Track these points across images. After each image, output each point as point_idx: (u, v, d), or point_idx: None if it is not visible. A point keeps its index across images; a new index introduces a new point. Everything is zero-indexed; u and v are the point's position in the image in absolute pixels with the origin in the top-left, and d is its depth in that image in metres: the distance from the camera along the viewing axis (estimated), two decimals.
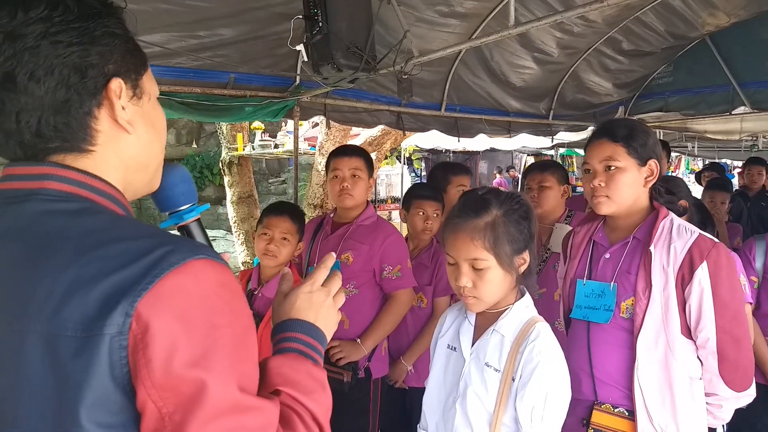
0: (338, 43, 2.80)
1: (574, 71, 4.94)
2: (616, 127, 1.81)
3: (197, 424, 0.68)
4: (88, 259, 0.72)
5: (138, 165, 0.89)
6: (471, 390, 1.45)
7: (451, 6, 3.47)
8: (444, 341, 1.60)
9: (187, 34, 3.05)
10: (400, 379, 2.77)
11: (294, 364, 0.88)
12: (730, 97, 5.12)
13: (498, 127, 5.18)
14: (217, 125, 6.96)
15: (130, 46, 0.87)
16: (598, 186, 1.77)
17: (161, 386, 0.68)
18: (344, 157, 2.69)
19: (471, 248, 1.43)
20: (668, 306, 1.68)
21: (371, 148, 6.82)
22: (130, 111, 0.86)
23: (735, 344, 1.67)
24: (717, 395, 1.71)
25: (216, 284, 0.75)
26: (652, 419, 1.68)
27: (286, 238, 2.41)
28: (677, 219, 1.78)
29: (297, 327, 0.94)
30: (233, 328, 0.75)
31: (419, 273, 2.81)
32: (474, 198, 1.51)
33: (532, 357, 1.38)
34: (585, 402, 1.81)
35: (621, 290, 1.77)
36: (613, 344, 1.77)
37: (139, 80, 0.88)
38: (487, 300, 1.46)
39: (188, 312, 0.71)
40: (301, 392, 0.84)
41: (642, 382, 1.69)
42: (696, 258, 1.65)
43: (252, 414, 0.74)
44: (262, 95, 3.65)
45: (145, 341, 0.68)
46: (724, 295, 1.65)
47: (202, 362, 0.70)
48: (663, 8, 4.29)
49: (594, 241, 1.91)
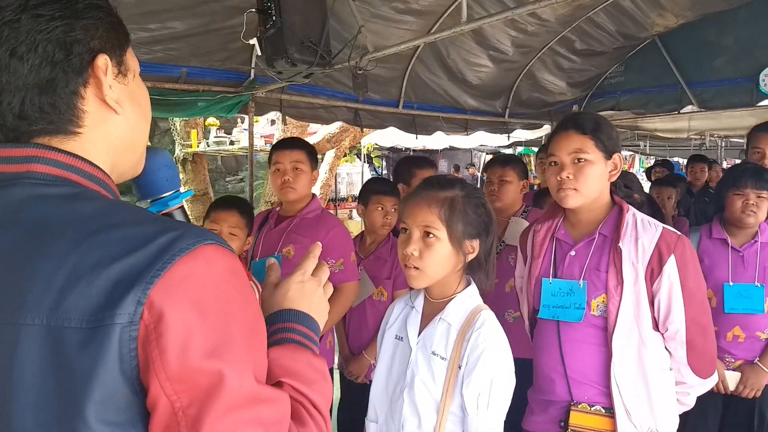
0: (292, 37, 2.78)
1: (529, 70, 5.02)
2: (584, 119, 1.79)
3: (214, 417, 0.64)
4: (89, 246, 0.67)
5: (126, 146, 0.85)
6: (418, 379, 1.45)
7: (406, 3, 3.48)
8: (391, 332, 1.60)
9: (137, 26, 2.98)
10: (362, 374, 2.76)
11: (294, 356, 0.84)
12: (678, 97, 5.29)
13: (455, 124, 5.23)
14: (171, 121, 6.81)
15: (113, 19, 0.81)
16: (566, 178, 1.73)
17: (176, 378, 0.64)
18: (285, 150, 2.66)
19: (427, 214, 1.44)
20: (639, 301, 1.69)
21: (330, 145, 6.79)
22: (116, 90, 0.80)
23: (703, 333, 1.71)
24: (685, 383, 1.75)
25: (227, 270, 0.71)
26: (630, 414, 1.68)
27: (234, 232, 2.37)
28: (639, 213, 1.79)
29: (292, 317, 0.91)
30: (246, 315, 0.72)
31: (378, 267, 2.81)
32: (440, 177, 1.56)
33: (477, 344, 1.39)
34: (559, 403, 1.78)
35: (591, 287, 1.75)
36: (586, 342, 1.75)
37: (123, 56, 0.82)
38: (429, 273, 1.45)
39: (203, 299, 0.67)
40: (303, 383, 0.81)
41: (618, 378, 1.69)
42: (664, 252, 1.67)
43: (269, 406, 0.71)
44: (215, 90, 3.59)
45: (158, 331, 0.64)
46: (691, 287, 1.68)
47: (218, 352, 0.66)
48: (614, 9, 4.40)
49: (557, 238, 1.88)
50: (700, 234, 2.66)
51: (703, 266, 2.57)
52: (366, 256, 2.88)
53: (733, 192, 2.52)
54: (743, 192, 2.48)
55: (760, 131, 2.98)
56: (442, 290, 1.51)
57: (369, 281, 2.79)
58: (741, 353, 2.49)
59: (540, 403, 1.85)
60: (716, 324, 2.50)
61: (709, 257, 2.57)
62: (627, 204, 1.80)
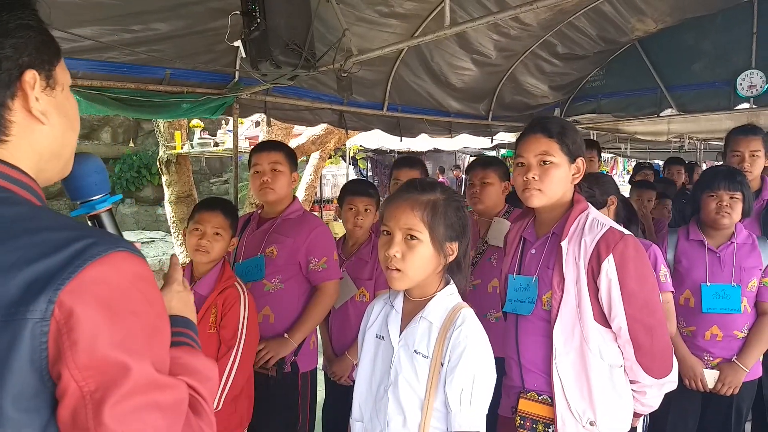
0: (277, 39, 2.79)
1: (512, 73, 5.07)
2: (550, 123, 1.85)
3: (115, 399, 0.73)
4: (9, 248, 0.74)
5: (51, 154, 0.91)
6: (402, 377, 1.48)
7: (391, 6, 3.51)
8: (372, 331, 1.63)
9: (120, 27, 2.97)
10: (345, 374, 2.77)
11: (189, 356, 0.95)
12: (658, 100, 5.38)
13: (439, 127, 5.26)
14: (155, 123, 6.77)
15: (44, 37, 0.88)
16: (531, 179, 1.81)
17: (85, 366, 0.72)
18: (263, 151, 2.68)
19: (410, 217, 1.46)
20: (581, 297, 1.75)
21: (314, 147, 6.80)
22: (43, 102, 0.87)
23: (648, 332, 1.74)
24: (639, 382, 1.79)
25: (134, 275, 0.80)
26: (570, 405, 1.75)
27: (219, 233, 2.36)
28: (594, 213, 1.85)
29: (181, 323, 1.03)
30: (149, 315, 0.80)
31: (360, 268, 2.83)
32: (421, 181, 1.59)
33: (459, 341, 1.42)
34: (515, 389, 1.89)
35: (542, 284, 1.84)
36: (535, 335, 1.84)
37: (52, 71, 0.89)
38: (411, 275, 1.48)
39: (110, 300, 0.75)
40: (198, 381, 0.91)
41: (560, 369, 1.76)
42: (602, 251, 1.72)
43: (166, 392, 0.79)
44: (199, 92, 3.59)
45: (69, 325, 0.72)
46: (631, 286, 1.71)
47: (122, 345, 0.75)
48: (595, 13, 4.46)
49: (524, 237, 1.98)
50: (677, 236, 2.71)
51: (681, 267, 2.63)
52: (348, 257, 2.89)
53: (707, 194, 2.58)
54: (716, 194, 2.55)
55: (738, 134, 3.04)
56: (422, 290, 1.54)
57: (351, 282, 2.81)
58: (719, 352, 2.54)
59: (506, 389, 1.96)
60: (694, 324, 2.57)
61: (687, 258, 2.63)
62: (585, 203, 1.86)
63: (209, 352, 2.25)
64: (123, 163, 13.32)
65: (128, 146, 13.73)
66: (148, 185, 13.28)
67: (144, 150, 13.64)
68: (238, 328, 2.27)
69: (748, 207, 2.56)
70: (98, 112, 3.35)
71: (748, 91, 4.77)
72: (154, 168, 12.44)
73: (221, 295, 2.30)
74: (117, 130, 13.99)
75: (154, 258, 9.06)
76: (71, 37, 2.82)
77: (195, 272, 2.41)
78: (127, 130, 14.03)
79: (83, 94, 3.06)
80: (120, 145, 13.88)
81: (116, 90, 3.20)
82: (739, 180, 2.56)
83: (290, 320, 2.59)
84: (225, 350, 2.24)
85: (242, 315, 2.29)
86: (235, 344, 2.25)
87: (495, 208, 2.89)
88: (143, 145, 13.96)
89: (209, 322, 2.27)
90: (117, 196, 1.15)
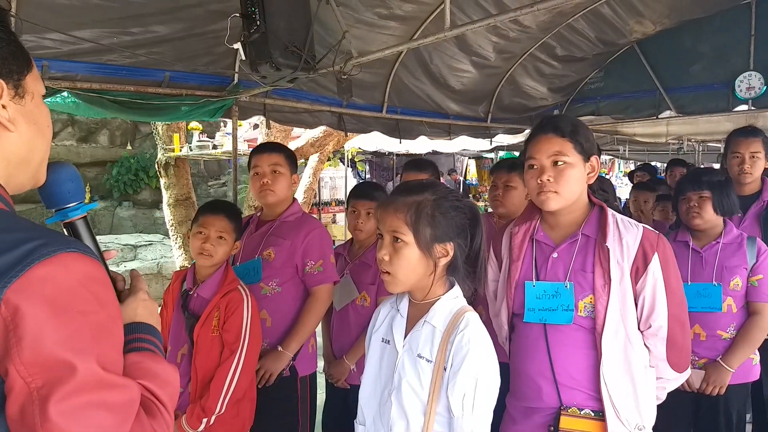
0: (276, 42, 2.79)
1: (511, 75, 5.07)
2: (561, 122, 1.78)
3: (60, 396, 0.74)
4: None
5: (18, 160, 0.93)
6: (405, 382, 1.46)
7: (390, 9, 3.51)
8: (378, 335, 1.61)
9: (119, 30, 2.96)
10: (341, 378, 2.75)
11: (150, 361, 0.97)
12: (657, 102, 5.39)
13: (438, 129, 5.26)
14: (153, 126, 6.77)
15: (12, 48, 0.91)
16: (546, 181, 1.73)
17: (30, 363, 0.74)
18: (263, 153, 2.67)
19: (393, 219, 1.45)
20: (625, 299, 1.70)
21: (313, 150, 6.79)
22: (11, 109, 0.90)
23: (682, 329, 1.75)
24: (662, 378, 1.79)
25: (84, 276, 0.81)
26: (620, 415, 1.68)
27: (222, 236, 2.35)
28: (616, 213, 1.82)
29: (144, 330, 1.05)
30: (99, 315, 0.82)
31: (363, 272, 2.80)
32: (413, 183, 1.56)
33: (461, 346, 1.40)
34: (546, 410, 1.76)
35: (578, 288, 1.74)
36: (574, 346, 1.74)
37: (21, 80, 0.92)
38: (401, 278, 1.46)
39: (56, 298, 0.77)
40: (157, 385, 0.92)
41: (608, 379, 1.69)
42: (648, 250, 1.69)
43: (114, 391, 0.80)
44: (198, 94, 3.58)
45: (15, 322, 0.74)
46: (673, 284, 1.72)
47: (68, 343, 0.76)
48: (593, 16, 4.47)
49: (536, 240, 1.86)
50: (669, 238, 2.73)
51: None
52: (353, 260, 2.88)
53: (680, 198, 2.66)
54: (686, 196, 2.60)
55: (738, 136, 3.05)
56: (423, 293, 1.51)
57: (353, 285, 2.79)
58: (704, 352, 2.55)
59: (522, 411, 1.83)
60: None
61: None
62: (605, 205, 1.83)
63: (212, 356, 2.24)
64: (120, 166, 13.30)
65: (126, 149, 13.72)
66: (146, 188, 13.26)
67: (141, 153, 13.63)
68: (242, 332, 2.26)
69: (726, 205, 2.56)
70: (97, 114, 3.34)
71: (746, 92, 4.78)
72: (152, 171, 12.42)
73: (224, 298, 2.29)
74: (114, 133, 13.97)
75: (152, 261, 9.03)
76: (71, 40, 2.82)
77: (198, 275, 2.40)
78: (125, 133, 14.01)
79: (82, 96, 3.05)
80: (117, 148, 13.86)
81: (115, 92, 3.20)
82: (706, 179, 2.58)
83: (287, 324, 2.58)
84: (228, 354, 2.23)
85: (246, 318, 2.28)
86: (239, 348, 2.23)
87: (517, 213, 2.81)
88: (141, 147, 13.94)
89: (212, 326, 2.26)
90: (92, 204, 1.18)
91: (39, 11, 2.58)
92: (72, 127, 13.28)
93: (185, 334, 2.31)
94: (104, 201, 13.35)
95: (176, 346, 2.34)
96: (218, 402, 2.17)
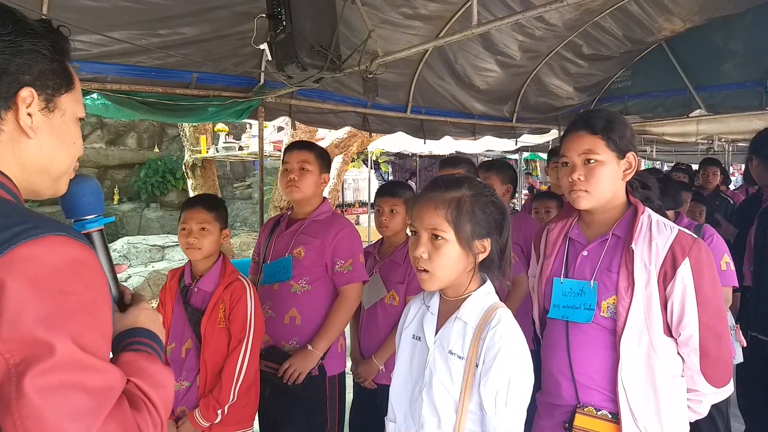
0: (302, 42, 2.80)
1: (537, 75, 5.03)
2: (595, 118, 1.74)
3: (37, 372, 0.75)
4: None
5: (36, 168, 0.98)
6: (436, 378, 1.44)
7: (415, 8, 3.50)
8: (409, 332, 1.60)
9: (148, 32, 3.01)
10: (369, 377, 2.74)
11: (145, 362, 0.98)
12: (687, 101, 5.29)
13: (463, 129, 5.24)
14: (180, 128, 6.86)
15: (54, 66, 0.97)
16: (577, 180, 1.71)
17: (9, 339, 0.75)
18: (294, 150, 2.69)
19: (433, 216, 1.42)
20: (650, 304, 1.64)
21: (337, 151, 6.82)
22: (36, 119, 0.95)
23: (717, 340, 1.65)
24: (697, 391, 1.70)
25: (70, 258, 0.83)
26: (637, 420, 1.64)
27: (204, 228, 2.38)
28: (654, 215, 1.75)
29: (145, 335, 1.07)
30: (82, 297, 0.83)
31: (392, 271, 2.79)
32: (448, 177, 1.53)
33: (494, 342, 1.37)
34: (565, 407, 1.75)
35: (602, 288, 1.71)
36: (594, 346, 1.71)
37: (56, 97, 0.97)
38: (440, 276, 1.44)
39: (39, 277, 0.79)
40: (149, 385, 0.93)
41: (626, 383, 1.65)
42: (678, 255, 1.62)
43: (93, 374, 0.81)
44: (225, 95, 3.62)
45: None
46: (707, 291, 1.62)
47: (48, 321, 0.77)
48: (621, 13, 4.41)
49: (570, 238, 1.84)
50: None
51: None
52: (382, 259, 2.88)
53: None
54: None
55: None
56: (456, 290, 1.50)
57: (381, 284, 2.78)
58: None
59: (547, 407, 1.82)
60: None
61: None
62: (643, 205, 1.77)
63: (221, 347, 2.31)
64: (148, 168, 13.53)
65: (153, 151, 13.95)
66: (173, 190, 13.46)
67: (168, 155, 13.84)
68: (247, 321, 2.32)
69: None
70: (126, 116, 3.40)
71: None
72: (179, 172, 12.61)
73: (227, 289, 2.34)
74: (142, 136, 14.21)
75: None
76: (101, 42, 2.87)
77: (194, 271, 2.44)
78: (152, 136, 14.26)
79: (112, 98, 3.11)
80: (145, 151, 14.10)
81: (144, 93, 3.25)
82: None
83: (317, 322, 2.58)
84: (236, 343, 2.29)
85: (249, 308, 2.34)
86: (245, 337, 2.29)
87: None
88: (168, 150, 14.16)
89: (218, 317, 2.32)
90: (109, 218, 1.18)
91: (69, 14, 2.62)
92: (101, 130, 13.55)
93: (188, 329, 2.36)
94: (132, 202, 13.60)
95: (179, 342, 2.38)
96: (231, 391, 2.25)
